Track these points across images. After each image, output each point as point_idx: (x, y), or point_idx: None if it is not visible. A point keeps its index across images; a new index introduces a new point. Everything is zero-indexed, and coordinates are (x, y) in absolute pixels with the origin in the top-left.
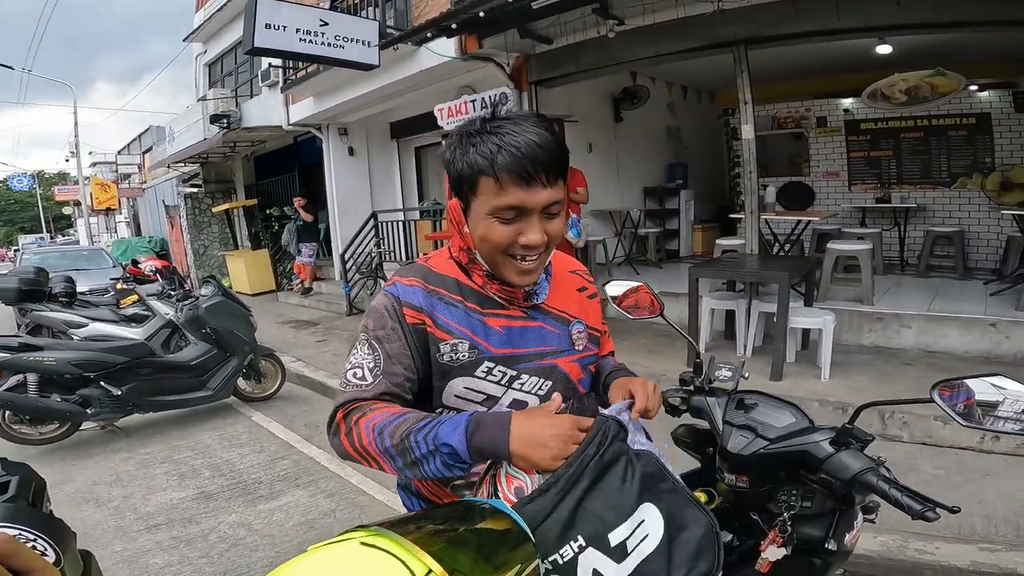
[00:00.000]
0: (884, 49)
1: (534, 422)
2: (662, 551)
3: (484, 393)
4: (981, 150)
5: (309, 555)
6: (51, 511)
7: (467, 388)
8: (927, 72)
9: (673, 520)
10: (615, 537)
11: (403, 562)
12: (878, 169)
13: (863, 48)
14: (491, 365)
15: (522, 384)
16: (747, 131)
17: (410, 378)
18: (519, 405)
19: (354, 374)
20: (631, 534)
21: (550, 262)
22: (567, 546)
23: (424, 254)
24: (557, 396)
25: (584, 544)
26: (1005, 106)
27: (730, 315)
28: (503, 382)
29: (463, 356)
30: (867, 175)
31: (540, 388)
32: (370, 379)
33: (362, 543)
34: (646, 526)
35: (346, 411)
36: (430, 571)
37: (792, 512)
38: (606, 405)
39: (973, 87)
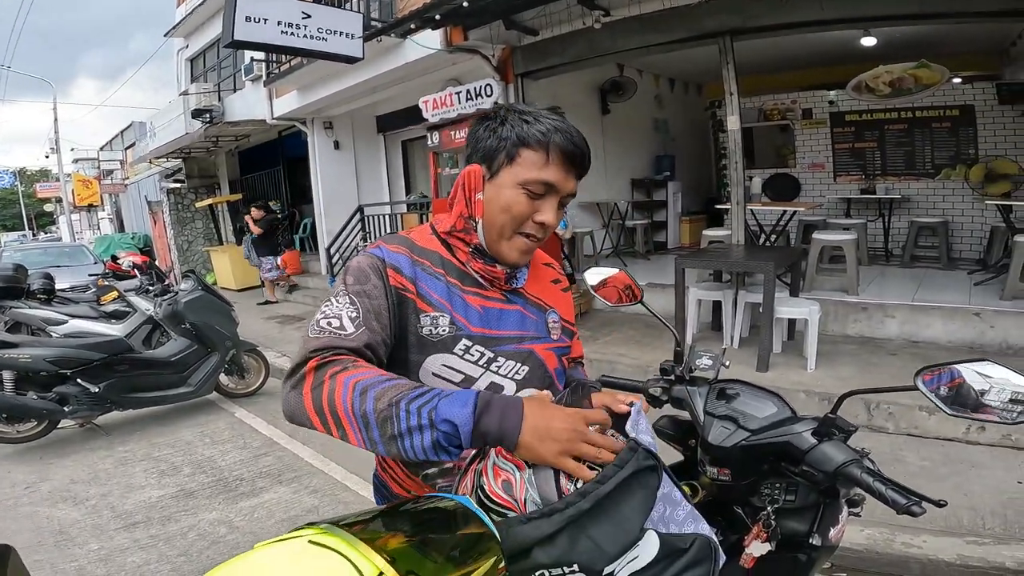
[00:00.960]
0: (868, 41)
1: (545, 411)
2: (651, 568)
3: (462, 373)
4: (964, 142)
5: (254, 552)
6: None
7: (444, 366)
8: (911, 64)
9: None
10: (610, 567)
11: (352, 562)
12: (863, 160)
13: (848, 40)
14: (468, 343)
15: (499, 367)
16: (733, 122)
17: (386, 341)
18: (496, 388)
19: (329, 323)
20: (626, 562)
21: None
22: (559, 568)
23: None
24: (547, 392)
25: (577, 571)
26: (988, 98)
27: (717, 306)
28: (481, 363)
29: (443, 331)
30: (852, 166)
31: (517, 372)
32: (351, 328)
33: (310, 541)
34: (640, 549)
35: (321, 361)
36: (381, 573)
37: (776, 506)
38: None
39: (956, 79)
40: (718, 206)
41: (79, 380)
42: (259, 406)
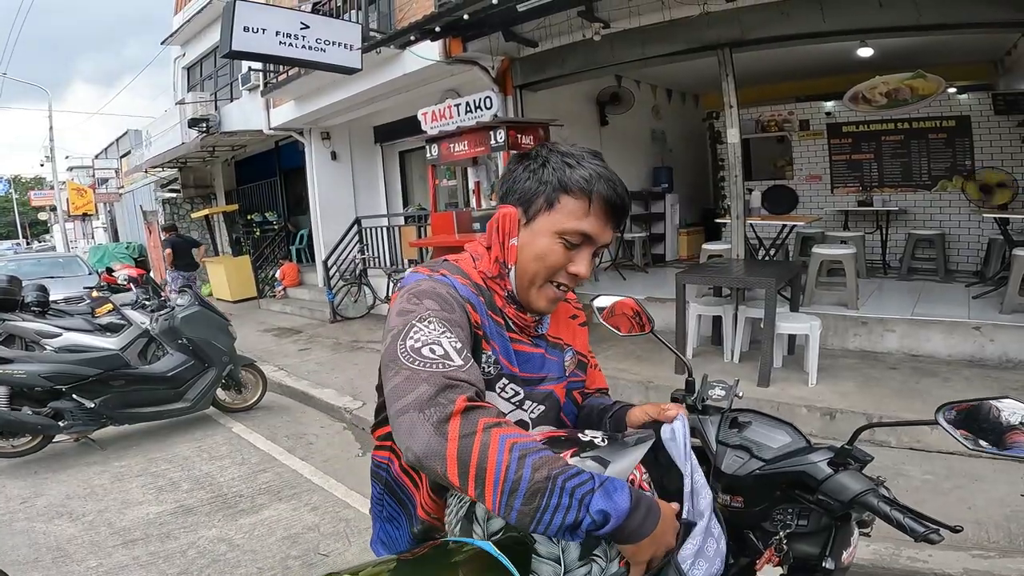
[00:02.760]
0: (865, 52)
1: (667, 525)
2: None
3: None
4: (961, 153)
5: None
6: None
7: None
8: (907, 75)
9: None
10: None
11: None
12: (860, 172)
13: (845, 51)
14: (507, 382)
15: (527, 407)
16: (732, 135)
17: None
18: (522, 426)
19: (432, 350)
20: None
21: None
22: None
23: (413, 262)
24: (675, 505)
25: None
26: (984, 108)
27: (717, 320)
28: (514, 400)
29: (491, 369)
30: (849, 178)
31: (534, 411)
32: (458, 360)
33: None
34: None
35: (470, 404)
36: None
37: (788, 530)
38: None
39: (952, 89)
40: (717, 220)
41: (74, 395)
42: (257, 421)
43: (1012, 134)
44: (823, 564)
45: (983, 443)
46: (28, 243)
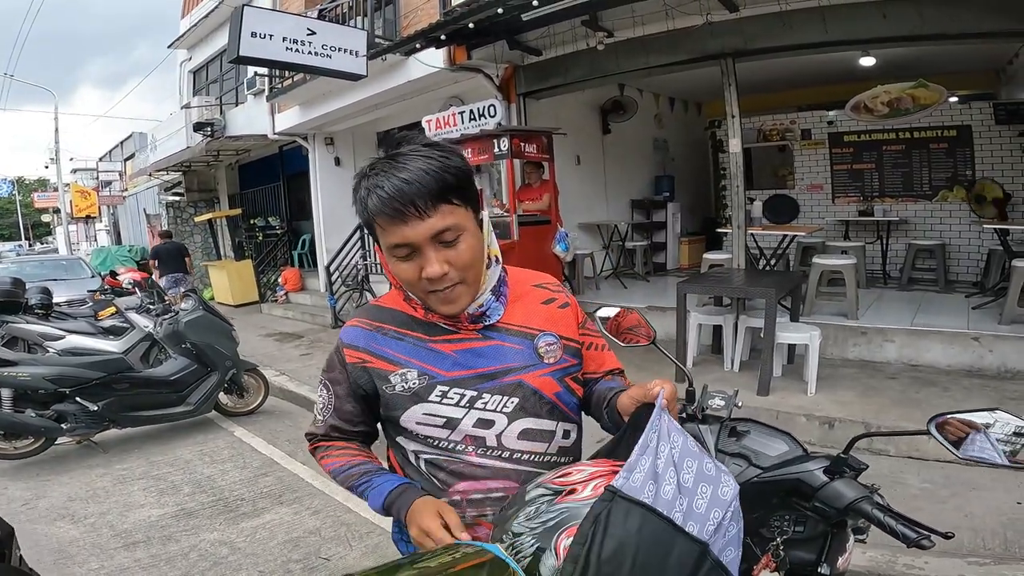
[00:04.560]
0: (867, 61)
1: (416, 515)
2: None
3: (443, 416)
4: (962, 163)
5: None
6: (21, 557)
7: (425, 414)
8: (909, 84)
9: None
10: None
11: None
12: (861, 182)
13: (847, 60)
14: (444, 389)
15: (484, 404)
16: (734, 144)
17: (362, 410)
18: (486, 424)
19: (315, 412)
20: None
21: (505, 280)
22: None
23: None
24: (442, 502)
25: None
26: (985, 118)
27: (717, 330)
28: (463, 403)
29: (413, 384)
30: (850, 188)
31: (505, 406)
32: (320, 418)
33: None
34: None
35: (312, 446)
36: None
37: (785, 537)
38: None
39: (954, 99)
40: (719, 230)
41: (78, 398)
42: (258, 425)
43: (1013, 144)
44: (819, 570)
45: (974, 454)
46: (31, 245)
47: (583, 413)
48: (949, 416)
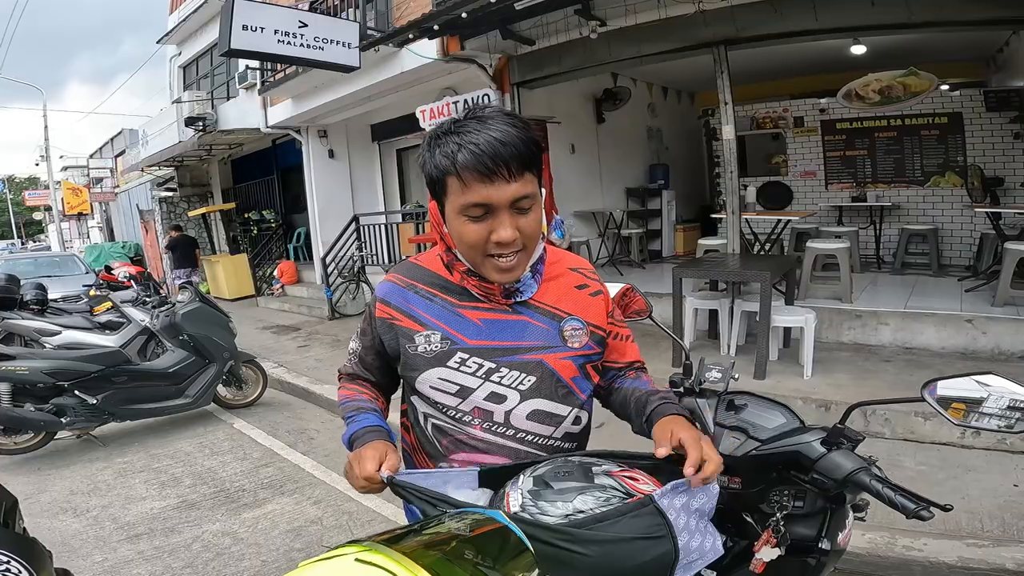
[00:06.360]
0: (858, 49)
1: (356, 458)
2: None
3: (457, 384)
4: (953, 149)
5: (301, 571)
6: (24, 528)
7: (441, 379)
8: (900, 72)
9: None
10: None
11: None
12: (854, 168)
13: (838, 49)
14: (464, 356)
15: (501, 377)
16: (728, 132)
17: (379, 366)
18: (497, 398)
19: (348, 353)
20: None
21: (543, 259)
22: None
23: (407, 256)
24: (389, 446)
25: None
26: (976, 105)
27: (713, 314)
28: (479, 374)
29: (435, 347)
30: (843, 174)
31: (521, 383)
32: (348, 362)
33: (357, 559)
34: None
35: (339, 375)
36: None
37: (785, 512)
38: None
39: (945, 87)
40: (713, 215)
41: (76, 392)
42: (257, 417)
43: (1004, 130)
44: (819, 545)
45: (969, 418)
46: (23, 243)
47: (595, 400)
48: (942, 380)
